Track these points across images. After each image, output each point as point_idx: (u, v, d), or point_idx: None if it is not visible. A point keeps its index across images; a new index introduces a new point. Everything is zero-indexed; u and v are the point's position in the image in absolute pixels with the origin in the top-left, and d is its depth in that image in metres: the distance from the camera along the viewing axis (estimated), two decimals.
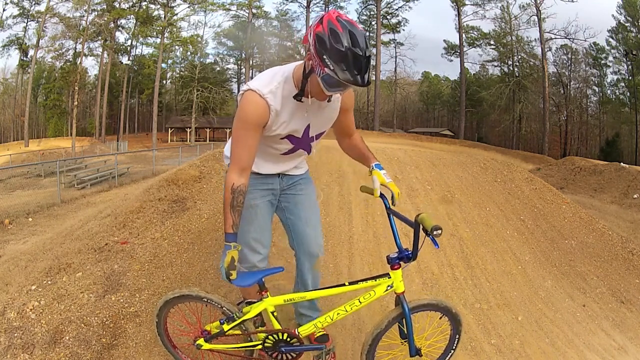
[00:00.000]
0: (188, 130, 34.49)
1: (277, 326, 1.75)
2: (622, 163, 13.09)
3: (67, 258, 2.72)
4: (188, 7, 34.79)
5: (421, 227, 1.61)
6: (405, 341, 1.78)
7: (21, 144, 31.17)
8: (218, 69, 38.69)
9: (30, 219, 6.94)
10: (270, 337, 1.75)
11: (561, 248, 3.29)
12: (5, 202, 9.40)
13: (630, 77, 31.57)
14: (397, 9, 35.51)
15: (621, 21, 31.48)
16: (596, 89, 34.48)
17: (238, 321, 1.72)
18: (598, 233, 3.58)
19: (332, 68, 1.35)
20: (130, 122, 38.32)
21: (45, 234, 4.96)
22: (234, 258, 1.55)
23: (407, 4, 34.97)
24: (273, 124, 1.58)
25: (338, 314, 1.71)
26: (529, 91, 33.88)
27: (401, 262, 1.68)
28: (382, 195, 1.76)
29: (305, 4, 35.56)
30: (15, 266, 2.91)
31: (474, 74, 37.28)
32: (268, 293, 1.71)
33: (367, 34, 1.43)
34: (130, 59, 36.33)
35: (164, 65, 36.02)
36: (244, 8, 35.21)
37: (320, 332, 1.98)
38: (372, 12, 35.40)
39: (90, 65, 38.33)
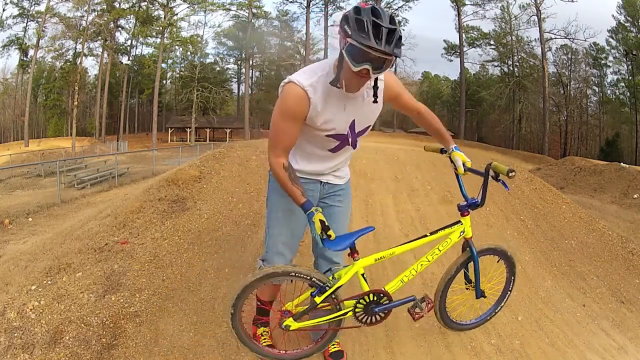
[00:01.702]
0: (188, 130, 34.49)
1: (366, 288, 1.77)
2: (622, 163, 13.08)
3: (67, 258, 2.72)
4: (188, 7, 34.81)
5: (490, 173, 1.75)
6: (470, 286, 1.97)
7: (21, 144, 31.17)
8: (218, 69, 38.71)
9: (30, 219, 6.94)
10: (361, 300, 1.77)
11: (561, 248, 3.29)
12: (5, 202, 9.40)
13: (630, 77, 31.57)
14: (397, 9, 35.49)
15: (621, 21, 31.50)
16: (596, 89, 34.50)
17: (331, 290, 1.70)
18: (598, 233, 3.58)
19: (351, 35, 1.38)
20: (130, 122, 38.33)
21: (45, 234, 4.96)
22: (322, 221, 1.57)
23: (407, 4, 34.96)
24: (315, 117, 1.59)
25: (421, 264, 1.83)
26: (529, 91, 33.89)
27: (469, 209, 1.85)
28: (450, 160, 1.90)
29: (305, 4, 35.54)
30: (15, 266, 2.91)
31: (474, 74, 37.28)
32: (358, 255, 1.73)
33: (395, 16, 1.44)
34: (130, 59, 36.34)
35: (164, 65, 36.05)
36: (244, 8, 35.20)
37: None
38: None
39: (90, 65, 38.36)
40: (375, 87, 1.57)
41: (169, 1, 33.92)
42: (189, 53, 36.25)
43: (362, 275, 1.76)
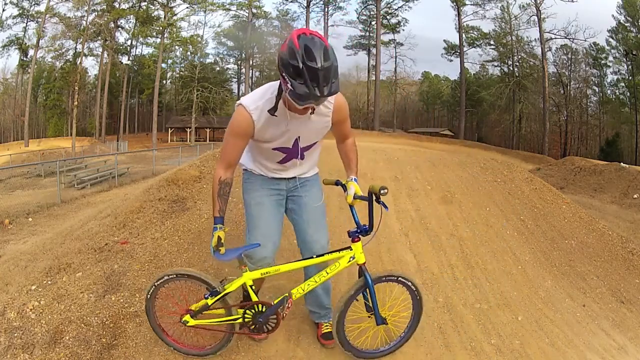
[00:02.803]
0: (188, 130, 34.49)
1: (254, 298, 1.92)
2: (622, 163, 13.08)
3: (67, 258, 2.72)
4: (188, 7, 34.80)
5: (374, 196, 1.81)
6: (371, 314, 1.97)
7: (21, 144, 31.16)
8: (218, 69, 38.71)
9: (30, 219, 6.93)
10: (249, 309, 1.92)
11: (561, 248, 3.29)
12: (5, 202, 9.39)
13: (630, 77, 31.56)
14: (396, 9, 35.52)
15: (621, 21, 31.49)
16: (596, 89, 34.49)
17: (221, 294, 1.88)
18: (598, 233, 3.58)
19: (290, 84, 1.47)
20: (130, 122, 38.32)
21: (45, 234, 4.96)
22: (220, 237, 1.75)
23: (407, 4, 34.98)
24: (259, 135, 1.77)
25: (309, 284, 1.92)
26: (529, 91, 33.89)
27: (360, 236, 1.89)
28: (343, 186, 1.98)
29: (305, 4, 35.55)
30: (15, 266, 2.91)
31: (474, 74, 37.28)
32: (245, 267, 1.88)
33: (330, 47, 1.51)
34: (130, 59, 36.33)
35: (164, 65, 36.04)
36: (244, 8, 35.20)
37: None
38: (371, 12, 35.42)
39: (90, 65, 38.29)
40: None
41: (169, 1, 33.92)
42: (189, 53, 36.25)
43: (251, 286, 1.90)
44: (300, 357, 2.07)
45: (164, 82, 37.92)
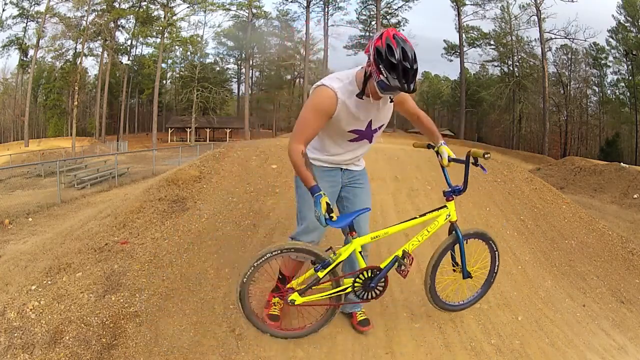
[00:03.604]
0: (188, 130, 34.47)
1: (363, 265, 1.98)
2: (622, 163, 13.08)
3: (67, 258, 2.72)
4: (188, 7, 34.78)
5: (470, 160, 1.98)
6: (457, 267, 2.15)
7: (21, 144, 31.15)
8: (218, 69, 38.67)
9: (30, 219, 6.93)
10: (359, 276, 1.96)
11: (561, 248, 3.29)
12: (5, 202, 9.39)
13: (630, 77, 31.55)
14: (396, 9, 35.46)
15: (621, 21, 31.48)
16: (596, 89, 34.47)
17: (333, 264, 1.91)
18: (598, 233, 3.58)
19: (385, 76, 1.69)
20: (130, 122, 38.30)
21: (45, 234, 4.96)
22: (327, 203, 1.77)
23: (407, 3, 34.93)
24: (340, 115, 1.88)
25: (412, 244, 2.04)
26: (529, 91, 33.87)
27: (454, 195, 2.08)
28: (437, 153, 2.14)
29: (305, 4, 35.52)
30: (15, 266, 2.91)
31: (474, 74, 37.26)
32: (356, 234, 1.93)
33: (414, 51, 1.75)
34: (130, 59, 36.31)
35: (164, 65, 36.02)
36: (243, 8, 35.18)
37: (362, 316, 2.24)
38: (371, 12, 35.36)
39: (90, 65, 38.25)
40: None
41: (169, 1, 33.90)
42: (189, 53, 36.22)
43: (360, 252, 1.97)
44: (300, 357, 2.07)
45: (164, 82, 37.92)
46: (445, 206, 2.09)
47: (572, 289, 2.88)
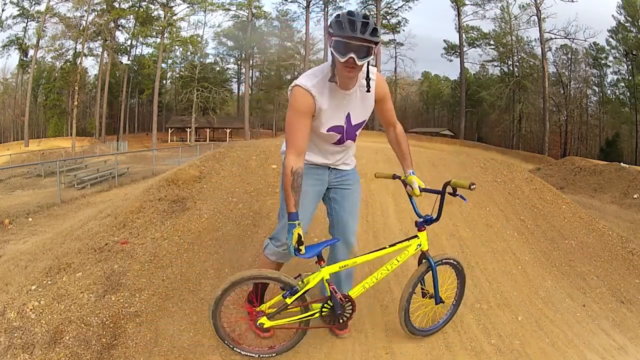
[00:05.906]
0: (188, 130, 34.48)
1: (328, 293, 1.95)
2: (622, 163, 13.08)
3: (67, 258, 2.72)
4: (188, 7, 34.80)
5: (448, 190, 1.93)
6: (427, 295, 2.16)
7: (21, 144, 31.17)
8: (218, 69, 38.75)
9: (30, 219, 6.93)
10: (327, 303, 1.97)
11: (561, 248, 3.28)
12: (5, 202, 9.38)
13: (630, 77, 31.56)
14: (396, 9, 35.55)
15: (621, 21, 31.50)
16: (596, 89, 34.50)
17: (301, 292, 1.90)
18: (598, 233, 3.58)
19: (333, 33, 1.67)
20: (130, 122, 38.33)
21: (45, 234, 4.96)
22: (300, 235, 1.74)
23: (407, 4, 35.00)
24: (319, 112, 1.83)
25: (381, 273, 2.03)
26: (529, 91, 33.89)
27: (425, 225, 2.04)
28: (404, 184, 2.11)
29: (305, 4, 35.55)
30: (15, 266, 2.91)
31: (474, 74, 37.30)
32: (324, 263, 1.92)
33: (371, 17, 1.74)
34: (130, 59, 36.34)
35: (164, 65, 36.06)
36: (243, 8, 35.20)
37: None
38: (371, 12, 35.33)
39: (90, 65, 38.39)
40: (368, 79, 1.83)
41: (169, 1, 33.92)
42: (189, 53, 36.28)
43: (327, 281, 1.94)
44: (300, 357, 2.07)
45: (164, 82, 37.95)
46: (416, 236, 2.06)
47: (572, 289, 2.88)
